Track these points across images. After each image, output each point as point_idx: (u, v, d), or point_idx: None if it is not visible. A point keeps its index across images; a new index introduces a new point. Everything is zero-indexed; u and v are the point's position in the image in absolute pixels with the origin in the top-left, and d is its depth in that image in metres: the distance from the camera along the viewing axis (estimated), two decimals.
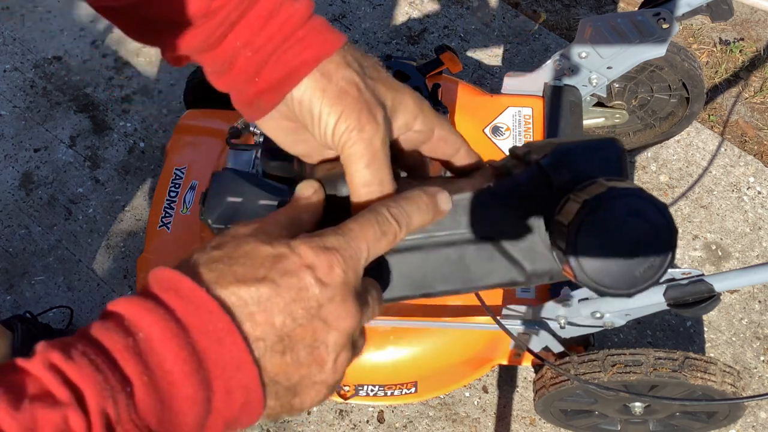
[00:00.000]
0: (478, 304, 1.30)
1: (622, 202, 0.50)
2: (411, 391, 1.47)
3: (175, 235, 1.51)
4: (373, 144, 0.52)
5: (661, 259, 0.51)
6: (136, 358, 0.40)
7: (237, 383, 0.43)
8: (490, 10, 2.25)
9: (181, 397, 0.41)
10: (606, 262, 0.51)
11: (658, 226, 0.51)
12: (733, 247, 1.83)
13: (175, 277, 0.43)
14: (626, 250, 0.50)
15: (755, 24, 2.23)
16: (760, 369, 1.67)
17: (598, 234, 0.50)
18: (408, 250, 0.56)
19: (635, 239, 0.50)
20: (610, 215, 0.50)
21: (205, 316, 0.42)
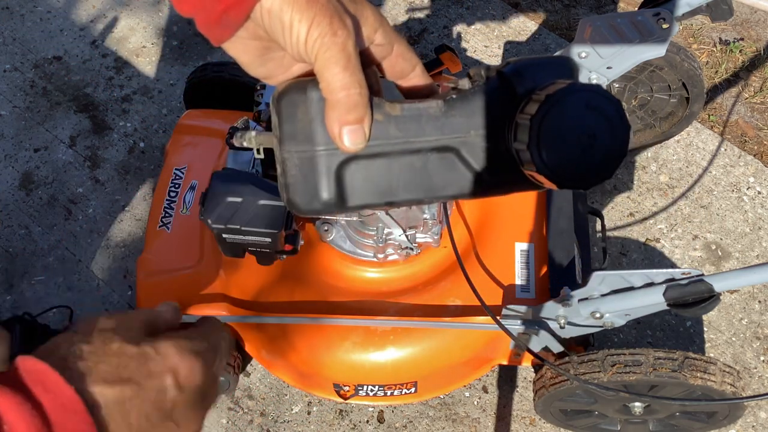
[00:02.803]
0: (478, 304, 1.30)
1: (580, 95, 0.54)
2: (411, 391, 1.47)
3: (175, 235, 1.51)
4: (347, 48, 0.53)
5: (616, 150, 0.54)
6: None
7: None
8: (490, 10, 2.25)
9: None
10: (565, 152, 0.54)
11: (613, 119, 0.54)
12: (733, 247, 1.83)
13: (45, 371, 0.44)
14: (584, 141, 0.54)
15: (755, 24, 2.23)
16: (760, 369, 1.67)
17: (559, 125, 0.53)
18: (373, 157, 0.58)
19: (592, 131, 0.54)
20: (570, 108, 0.53)
21: (70, 416, 0.44)
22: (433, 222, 1.37)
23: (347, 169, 0.58)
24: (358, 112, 0.54)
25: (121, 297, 1.76)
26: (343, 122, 0.54)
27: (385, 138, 0.58)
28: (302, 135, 0.57)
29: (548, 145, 0.54)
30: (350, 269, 1.46)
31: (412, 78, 0.61)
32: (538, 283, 1.39)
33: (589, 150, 0.54)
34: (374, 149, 0.57)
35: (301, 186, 0.58)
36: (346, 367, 1.42)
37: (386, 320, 1.40)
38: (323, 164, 0.57)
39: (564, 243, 1.40)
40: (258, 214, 1.21)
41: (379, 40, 0.58)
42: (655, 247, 1.82)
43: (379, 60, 0.60)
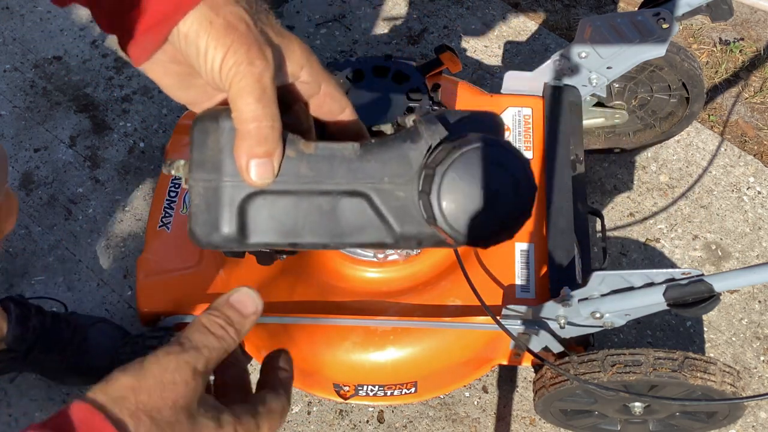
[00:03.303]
0: (478, 304, 1.30)
1: (488, 150, 0.52)
2: (411, 391, 1.47)
3: (175, 235, 1.51)
4: (263, 79, 0.52)
5: (519, 210, 0.54)
6: None
7: None
8: (490, 10, 2.25)
9: None
10: (466, 209, 0.53)
11: (520, 178, 0.54)
12: (733, 247, 1.83)
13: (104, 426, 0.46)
14: (487, 198, 0.53)
15: (755, 24, 2.23)
16: (760, 369, 1.67)
17: (462, 178, 0.52)
18: (280, 194, 0.56)
19: (496, 189, 0.53)
20: (476, 161, 0.52)
21: None
22: None
23: (252, 204, 0.56)
24: (267, 145, 0.53)
25: (121, 297, 1.76)
26: (252, 155, 0.53)
27: (294, 176, 0.55)
28: (210, 164, 0.55)
29: (449, 197, 0.53)
30: (350, 269, 1.46)
31: (342, 120, 0.60)
32: (538, 283, 1.39)
33: (491, 207, 0.53)
34: (282, 186, 0.55)
35: (202, 216, 0.56)
36: (346, 367, 1.42)
37: (386, 320, 1.40)
38: (227, 196, 0.55)
39: (564, 243, 1.40)
40: None
41: (305, 77, 0.56)
42: (655, 247, 1.82)
43: (306, 98, 0.58)
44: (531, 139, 1.56)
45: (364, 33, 2.20)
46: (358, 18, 2.23)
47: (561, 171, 1.49)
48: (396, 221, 0.57)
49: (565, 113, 1.57)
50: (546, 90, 1.61)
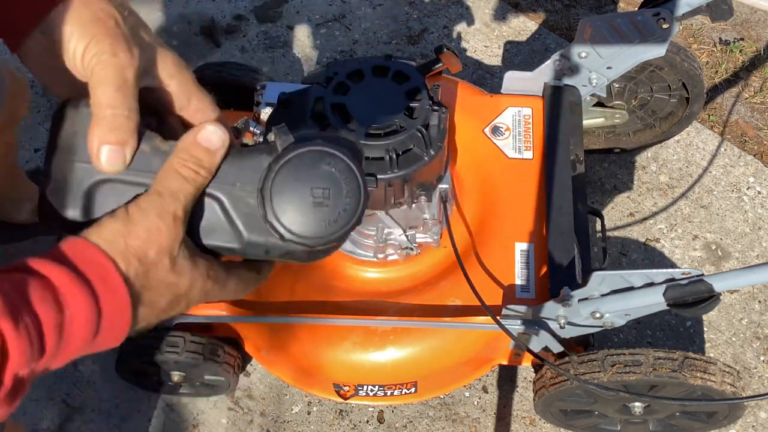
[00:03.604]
0: (478, 304, 1.30)
1: (322, 154, 0.55)
2: (411, 391, 1.47)
3: None
4: (124, 72, 0.54)
5: (350, 213, 0.55)
6: (57, 336, 0.49)
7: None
8: (490, 10, 2.25)
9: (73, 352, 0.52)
10: (297, 210, 0.55)
11: (350, 180, 0.55)
12: (733, 247, 1.83)
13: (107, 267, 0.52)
14: (316, 198, 0.55)
15: (755, 24, 2.23)
16: (760, 369, 1.67)
17: (290, 181, 0.55)
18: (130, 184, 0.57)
19: (324, 189, 0.55)
20: (308, 162, 0.55)
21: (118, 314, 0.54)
22: (433, 222, 1.37)
23: (99, 190, 0.57)
24: (120, 134, 0.54)
25: None
26: (104, 140, 0.54)
27: (147, 170, 0.57)
28: (65, 146, 0.56)
29: (278, 199, 0.55)
30: (350, 269, 1.46)
31: None
32: (538, 283, 1.39)
33: (321, 209, 0.55)
34: (133, 177, 0.57)
35: (53, 198, 0.57)
36: (346, 367, 1.42)
37: (386, 320, 1.40)
38: (77, 178, 0.56)
39: (564, 243, 1.40)
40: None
41: (174, 88, 0.59)
42: (655, 247, 1.82)
43: (177, 111, 0.61)
44: (531, 139, 1.56)
45: (364, 33, 2.20)
46: (358, 18, 2.23)
47: (561, 171, 1.49)
48: (245, 227, 0.58)
49: (565, 113, 1.57)
50: (546, 90, 1.61)
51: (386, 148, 1.17)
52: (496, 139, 1.56)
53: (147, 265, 0.54)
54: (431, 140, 1.19)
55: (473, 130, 1.57)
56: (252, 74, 1.69)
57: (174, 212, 0.55)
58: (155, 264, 0.55)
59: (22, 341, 0.47)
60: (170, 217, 0.55)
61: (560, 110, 1.57)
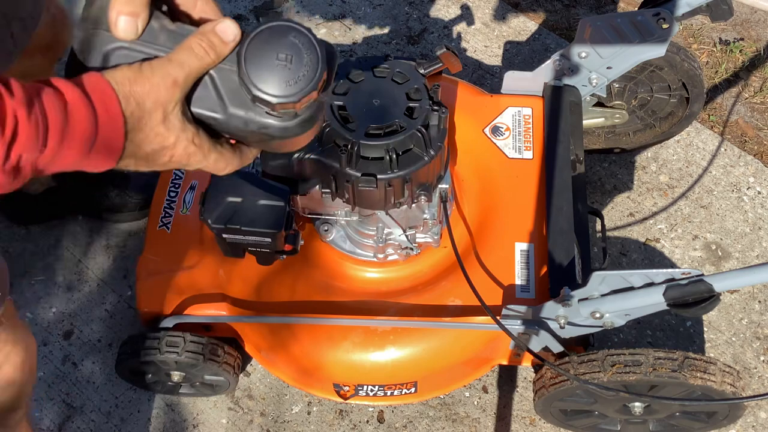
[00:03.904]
0: (478, 304, 1.30)
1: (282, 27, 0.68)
2: (411, 391, 1.47)
3: (175, 235, 1.51)
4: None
5: (306, 78, 0.67)
6: (60, 137, 0.60)
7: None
8: (490, 10, 2.25)
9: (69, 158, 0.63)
10: (263, 70, 0.67)
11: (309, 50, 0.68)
12: (733, 247, 1.83)
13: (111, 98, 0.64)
14: (279, 61, 0.67)
15: (755, 24, 2.23)
16: (760, 369, 1.67)
17: (261, 47, 0.67)
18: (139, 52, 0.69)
19: (287, 55, 0.67)
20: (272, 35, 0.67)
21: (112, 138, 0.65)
22: (433, 222, 1.37)
23: (114, 54, 0.69)
24: (134, 7, 0.67)
25: (121, 297, 1.76)
26: (120, 11, 0.67)
27: (153, 42, 0.69)
28: (93, 19, 0.69)
29: (250, 60, 0.67)
30: (350, 269, 1.46)
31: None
32: (538, 283, 1.39)
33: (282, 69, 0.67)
34: (142, 48, 0.69)
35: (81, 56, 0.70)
36: (346, 367, 1.42)
37: (386, 320, 1.40)
38: (99, 43, 0.69)
39: (564, 243, 1.40)
40: (258, 214, 1.21)
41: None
42: (655, 247, 1.82)
43: (184, 10, 0.73)
44: (531, 139, 1.56)
45: (364, 33, 2.20)
46: (358, 18, 2.23)
47: (561, 171, 1.49)
48: (229, 100, 0.70)
49: (565, 113, 1.57)
50: (546, 90, 1.61)
51: (386, 148, 1.17)
52: (496, 139, 1.56)
53: (143, 110, 0.66)
54: (431, 140, 1.19)
55: (473, 130, 1.57)
56: None
57: (176, 77, 0.67)
58: (150, 113, 0.66)
59: (31, 129, 0.58)
60: (171, 80, 0.67)
61: (560, 110, 1.57)
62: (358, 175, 1.18)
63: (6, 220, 1.84)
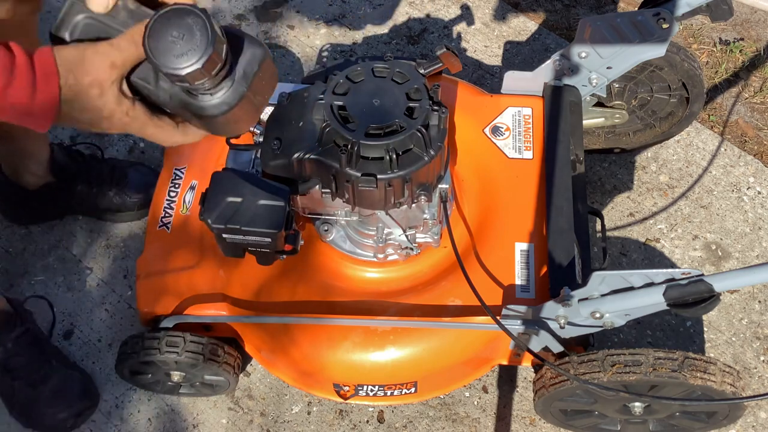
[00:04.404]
0: (478, 304, 1.30)
1: (182, 10, 0.79)
2: (411, 391, 1.47)
3: (175, 235, 1.51)
4: None
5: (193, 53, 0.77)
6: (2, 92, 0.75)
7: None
8: (490, 10, 2.25)
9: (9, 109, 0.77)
10: (158, 43, 0.78)
11: (202, 31, 0.78)
12: (733, 247, 1.83)
13: (52, 70, 0.78)
14: (171, 38, 0.77)
15: (755, 24, 2.23)
16: (760, 369, 1.67)
17: (161, 26, 0.78)
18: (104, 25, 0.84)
19: (180, 33, 0.78)
20: (172, 17, 0.78)
21: (48, 100, 0.79)
22: (433, 222, 1.37)
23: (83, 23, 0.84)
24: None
25: (121, 297, 1.76)
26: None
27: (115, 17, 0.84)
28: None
29: (152, 35, 0.78)
30: (350, 269, 1.46)
31: None
32: (538, 283, 1.39)
33: (173, 45, 0.78)
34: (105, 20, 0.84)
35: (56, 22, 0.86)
36: (346, 367, 1.42)
37: (386, 320, 1.40)
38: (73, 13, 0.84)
39: (564, 243, 1.40)
40: (258, 214, 1.21)
41: None
42: (655, 247, 1.82)
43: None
44: (531, 139, 1.56)
45: (364, 33, 2.20)
46: (358, 18, 2.23)
47: (561, 171, 1.49)
48: (158, 76, 0.83)
49: (565, 113, 1.57)
50: (546, 90, 1.61)
51: (386, 148, 1.17)
52: (496, 139, 1.56)
53: (80, 85, 0.79)
54: (431, 140, 1.19)
55: (473, 130, 1.57)
56: None
57: (113, 60, 0.80)
58: (87, 88, 0.79)
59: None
60: (109, 62, 0.79)
61: (560, 110, 1.57)
62: (358, 175, 1.18)
63: (6, 220, 1.84)
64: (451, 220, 1.42)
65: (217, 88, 0.84)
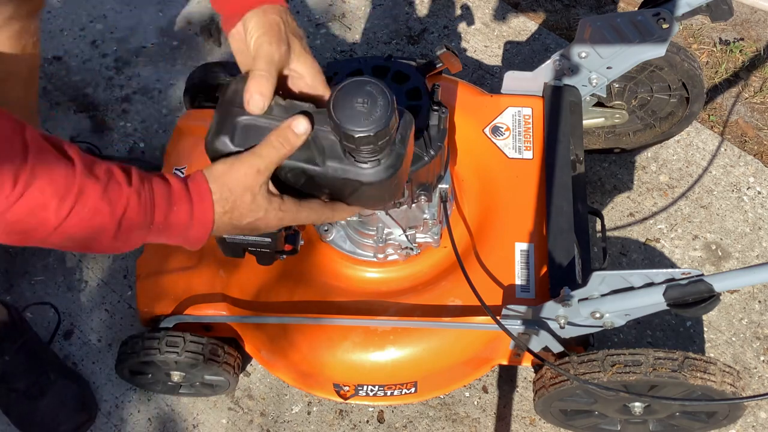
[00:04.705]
0: (478, 304, 1.30)
1: (360, 81, 0.88)
2: (411, 391, 1.47)
3: None
4: (274, 55, 0.90)
5: (379, 113, 0.85)
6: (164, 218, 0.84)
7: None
8: (490, 10, 2.25)
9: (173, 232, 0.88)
10: (346, 110, 0.86)
11: (382, 97, 0.86)
12: (733, 247, 1.83)
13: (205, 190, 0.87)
14: (358, 105, 0.86)
15: (755, 24, 2.23)
16: (760, 369, 1.67)
17: (345, 96, 0.87)
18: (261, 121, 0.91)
19: (365, 99, 0.86)
20: (353, 87, 0.87)
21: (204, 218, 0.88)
22: (433, 222, 1.37)
23: (242, 124, 0.91)
24: (264, 88, 0.88)
25: (121, 297, 1.76)
26: (254, 91, 0.88)
27: (270, 114, 0.91)
28: (228, 99, 0.92)
29: (337, 105, 0.86)
30: (350, 269, 1.46)
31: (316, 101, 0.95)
32: (538, 283, 1.39)
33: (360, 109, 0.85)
34: (262, 119, 0.90)
35: (214, 128, 0.92)
36: (346, 367, 1.42)
37: (386, 320, 1.40)
38: (233, 117, 0.91)
39: (564, 243, 1.40)
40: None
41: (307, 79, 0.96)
42: (655, 247, 1.82)
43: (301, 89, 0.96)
44: (531, 139, 1.56)
45: (365, 33, 2.20)
46: (358, 18, 2.23)
47: (561, 171, 1.49)
48: (327, 153, 0.91)
49: (565, 113, 1.57)
50: (546, 90, 1.61)
51: None
52: (496, 139, 1.56)
53: (234, 195, 0.88)
54: (431, 140, 1.19)
55: (473, 130, 1.57)
56: None
57: (258, 167, 0.88)
58: (240, 196, 0.89)
59: (140, 212, 0.81)
60: (255, 170, 0.88)
61: (560, 110, 1.57)
62: None
63: None
64: (451, 220, 1.42)
65: (385, 152, 0.91)
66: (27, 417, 1.55)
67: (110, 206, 0.78)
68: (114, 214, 0.78)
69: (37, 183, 0.73)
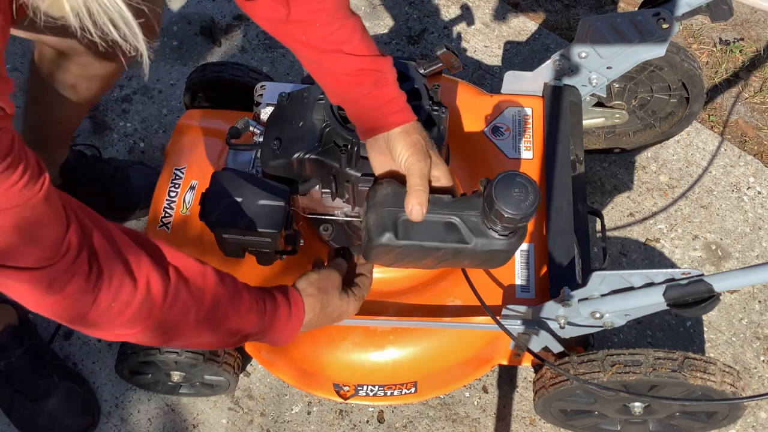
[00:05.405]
0: (478, 304, 1.30)
1: (511, 174, 1.04)
2: (411, 391, 1.47)
3: (175, 235, 1.51)
4: (424, 170, 1.06)
5: (531, 200, 1.02)
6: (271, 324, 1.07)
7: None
8: (490, 10, 2.25)
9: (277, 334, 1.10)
10: (508, 199, 1.02)
11: (531, 186, 1.03)
12: (733, 247, 1.83)
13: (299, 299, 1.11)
14: (515, 194, 1.02)
15: (755, 24, 2.23)
16: (760, 369, 1.67)
17: (503, 188, 1.02)
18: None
19: (520, 189, 1.02)
20: (506, 180, 1.03)
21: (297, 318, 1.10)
22: None
23: (402, 222, 1.08)
24: (422, 200, 1.05)
25: None
26: (415, 203, 1.05)
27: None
28: (380, 201, 1.08)
29: (499, 195, 1.02)
30: None
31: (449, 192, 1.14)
32: (538, 283, 1.39)
33: (518, 197, 1.02)
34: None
35: (376, 229, 1.07)
36: (346, 367, 1.42)
37: (386, 320, 1.40)
38: (392, 217, 1.07)
39: (564, 243, 1.40)
40: (258, 214, 1.21)
41: (441, 179, 1.10)
42: (655, 247, 1.82)
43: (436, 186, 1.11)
44: (531, 139, 1.56)
45: None
46: None
47: (561, 171, 1.49)
48: (473, 233, 1.08)
49: (565, 113, 1.57)
50: (546, 90, 1.61)
51: None
52: (496, 139, 1.56)
53: (325, 293, 1.13)
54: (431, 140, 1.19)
55: (473, 130, 1.57)
56: (252, 74, 1.69)
57: (337, 273, 1.18)
58: (330, 295, 1.14)
59: (258, 320, 1.04)
60: (336, 275, 1.17)
61: (560, 110, 1.57)
62: (358, 175, 1.18)
63: None
64: None
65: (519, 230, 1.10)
66: (30, 419, 1.55)
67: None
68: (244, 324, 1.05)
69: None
